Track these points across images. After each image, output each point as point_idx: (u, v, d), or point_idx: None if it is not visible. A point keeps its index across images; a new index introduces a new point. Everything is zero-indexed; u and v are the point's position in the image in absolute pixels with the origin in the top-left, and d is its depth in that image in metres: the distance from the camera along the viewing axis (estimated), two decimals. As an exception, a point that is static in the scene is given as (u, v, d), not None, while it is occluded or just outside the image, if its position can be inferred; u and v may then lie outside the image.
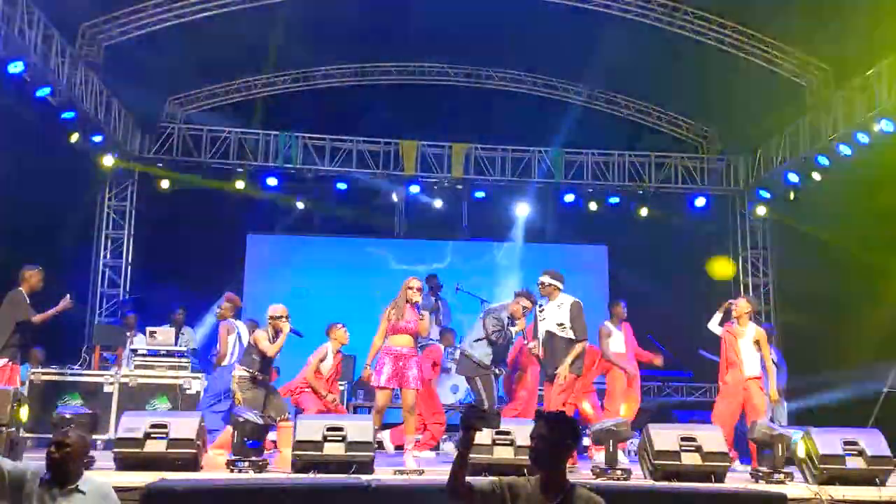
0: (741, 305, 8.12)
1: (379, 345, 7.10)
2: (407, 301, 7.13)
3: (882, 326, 9.63)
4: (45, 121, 10.16)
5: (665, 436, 6.51)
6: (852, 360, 10.08)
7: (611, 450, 6.53)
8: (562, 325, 7.45)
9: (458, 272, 13.65)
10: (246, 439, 6.34)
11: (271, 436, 7.42)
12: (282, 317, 7.61)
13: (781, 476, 6.36)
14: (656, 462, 6.37)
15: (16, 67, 8.99)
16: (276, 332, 7.60)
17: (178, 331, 10.51)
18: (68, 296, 7.86)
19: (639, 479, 6.48)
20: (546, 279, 7.61)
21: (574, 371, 7.42)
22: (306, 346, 8.78)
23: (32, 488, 4.03)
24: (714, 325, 8.58)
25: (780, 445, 6.51)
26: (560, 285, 7.60)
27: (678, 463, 6.32)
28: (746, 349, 7.97)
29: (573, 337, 7.42)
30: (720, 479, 6.33)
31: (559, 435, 3.56)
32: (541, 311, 7.66)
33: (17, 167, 9.26)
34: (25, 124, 9.62)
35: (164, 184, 13.35)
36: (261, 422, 6.50)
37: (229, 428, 6.99)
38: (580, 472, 6.98)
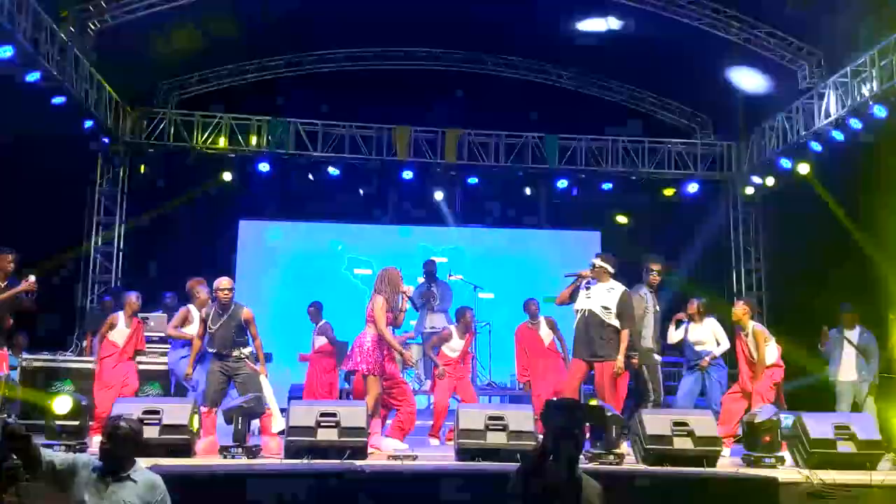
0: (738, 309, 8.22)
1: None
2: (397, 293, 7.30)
3: (874, 312, 9.65)
4: (35, 107, 10.07)
5: (657, 420, 6.54)
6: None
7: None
8: (607, 308, 7.38)
9: (451, 258, 13.69)
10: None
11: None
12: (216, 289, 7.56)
13: (773, 460, 6.40)
14: (648, 447, 6.40)
15: (5, 52, 8.91)
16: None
17: (170, 317, 10.47)
18: (31, 276, 7.54)
19: (631, 463, 6.51)
20: (598, 262, 7.59)
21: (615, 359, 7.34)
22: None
23: (85, 477, 4.08)
24: (672, 335, 8.94)
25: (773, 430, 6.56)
26: (611, 269, 7.56)
27: (670, 447, 6.36)
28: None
29: (616, 325, 7.34)
30: (712, 463, 6.37)
31: (577, 422, 3.60)
32: (587, 290, 7.54)
33: (7, 154, 9.21)
34: (15, 110, 9.53)
35: (145, 171, 13.29)
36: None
37: None
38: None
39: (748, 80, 12.34)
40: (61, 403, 6.25)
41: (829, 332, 9.30)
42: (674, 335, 8.93)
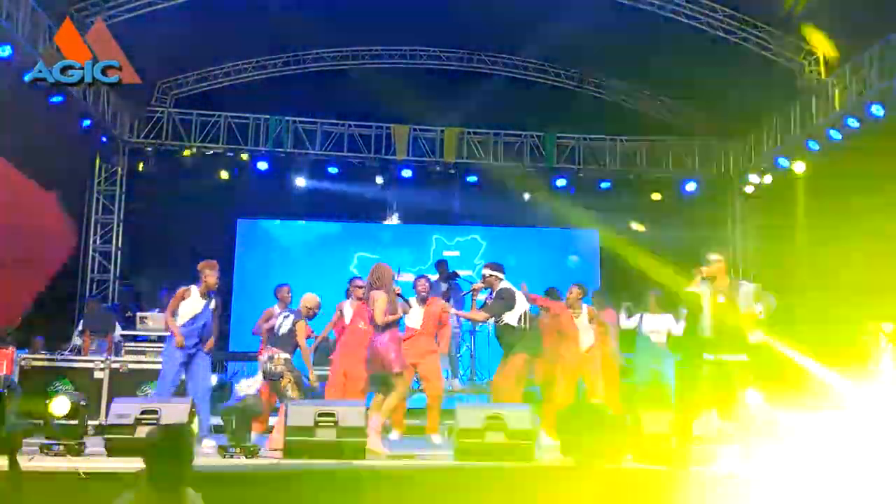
0: (574, 292, 8.70)
1: None
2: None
3: (872, 306, 9.62)
4: (34, 105, 10.06)
5: (656, 419, 6.53)
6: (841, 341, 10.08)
7: None
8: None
9: (451, 256, 13.67)
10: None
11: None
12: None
13: (770, 460, 6.40)
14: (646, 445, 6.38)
15: (3, 52, 8.92)
16: None
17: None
18: None
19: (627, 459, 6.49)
20: (487, 272, 7.96)
21: (525, 351, 7.65)
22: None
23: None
24: (623, 321, 9.39)
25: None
26: (501, 276, 7.90)
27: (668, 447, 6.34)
28: (581, 326, 8.63)
29: (512, 323, 7.67)
30: (709, 462, 6.35)
31: None
32: (490, 300, 7.91)
33: (4, 152, 9.19)
34: (13, 108, 9.52)
35: (143, 170, 13.31)
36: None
37: None
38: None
39: None
40: (59, 405, 6.25)
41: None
42: (625, 322, 9.36)
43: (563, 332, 8.55)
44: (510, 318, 7.71)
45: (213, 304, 7.73)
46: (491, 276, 7.92)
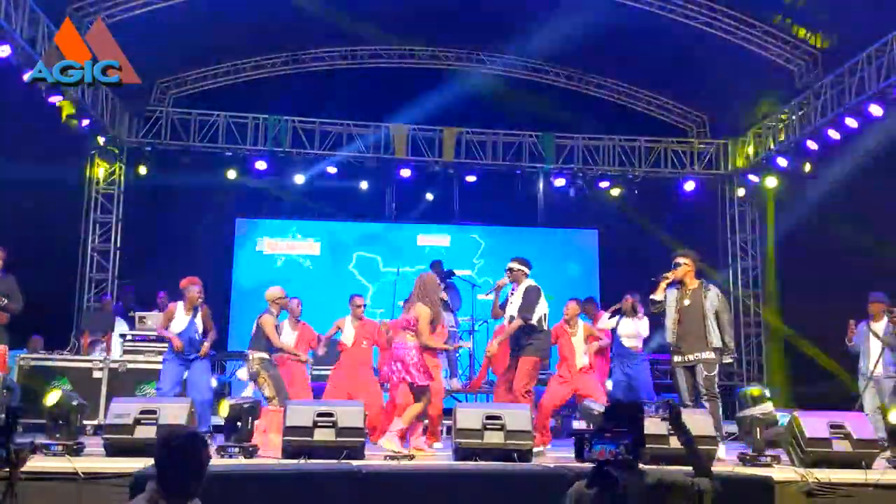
0: (571, 308, 8.41)
1: None
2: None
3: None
4: (32, 105, 10.07)
5: (651, 421, 6.53)
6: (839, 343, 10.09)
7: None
8: None
9: (451, 257, 13.66)
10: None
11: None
12: None
13: (768, 459, 6.42)
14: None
15: (2, 52, 8.92)
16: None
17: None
18: None
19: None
20: (514, 265, 7.77)
21: (536, 354, 7.51)
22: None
23: None
24: (604, 321, 9.37)
25: (758, 429, 6.58)
26: (527, 270, 7.77)
27: (666, 447, 6.36)
28: (578, 345, 8.31)
29: (533, 322, 7.52)
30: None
31: None
32: (511, 295, 7.74)
33: (3, 152, 9.20)
34: (12, 108, 9.53)
35: (142, 170, 13.32)
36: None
37: None
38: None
39: None
40: (51, 397, 6.27)
41: (855, 325, 8.58)
42: (604, 322, 9.36)
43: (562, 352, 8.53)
44: (534, 317, 7.56)
45: (197, 318, 7.91)
46: (518, 270, 7.73)
